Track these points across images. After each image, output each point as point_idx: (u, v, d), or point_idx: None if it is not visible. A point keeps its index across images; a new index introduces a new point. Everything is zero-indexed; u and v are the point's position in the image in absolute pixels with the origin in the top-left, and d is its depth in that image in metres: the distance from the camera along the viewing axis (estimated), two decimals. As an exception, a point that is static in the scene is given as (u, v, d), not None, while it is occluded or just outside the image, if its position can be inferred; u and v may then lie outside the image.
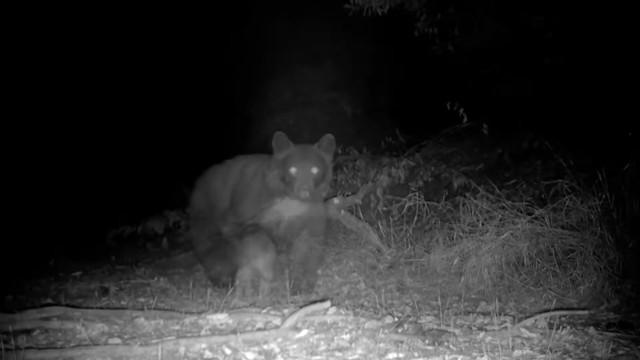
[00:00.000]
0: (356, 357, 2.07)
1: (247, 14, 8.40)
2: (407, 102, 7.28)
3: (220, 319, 2.56)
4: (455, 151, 5.84)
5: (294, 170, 3.22)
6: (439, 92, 5.76)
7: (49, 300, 3.28)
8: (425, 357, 2.06)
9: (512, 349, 2.12)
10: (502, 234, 3.38)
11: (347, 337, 2.26)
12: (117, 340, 2.32)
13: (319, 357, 2.07)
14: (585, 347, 2.18)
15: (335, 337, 2.26)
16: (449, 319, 2.51)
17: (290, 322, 2.38)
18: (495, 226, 3.46)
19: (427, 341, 2.20)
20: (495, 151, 5.49)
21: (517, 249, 3.35)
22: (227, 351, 2.16)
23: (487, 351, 2.06)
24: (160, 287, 3.85)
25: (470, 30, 5.87)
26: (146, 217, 6.23)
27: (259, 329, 2.43)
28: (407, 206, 4.29)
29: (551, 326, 2.32)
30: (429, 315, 2.71)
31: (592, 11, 4.98)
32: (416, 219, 4.25)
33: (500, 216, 3.51)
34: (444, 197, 4.55)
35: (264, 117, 8.23)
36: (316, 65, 8.32)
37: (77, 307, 2.83)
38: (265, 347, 2.19)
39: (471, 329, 2.40)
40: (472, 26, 5.85)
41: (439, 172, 5.41)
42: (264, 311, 2.70)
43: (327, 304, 2.57)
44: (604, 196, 3.34)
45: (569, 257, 3.22)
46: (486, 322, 2.57)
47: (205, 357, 2.12)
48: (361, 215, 4.54)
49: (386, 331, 2.30)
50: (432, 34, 5.83)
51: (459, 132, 5.82)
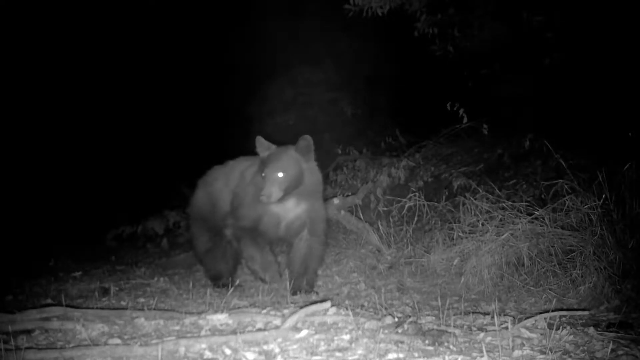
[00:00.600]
0: (356, 357, 2.07)
1: (247, 14, 8.41)
2: (407, 102, 7.29)
3: (220, 319, 2.56)
4: (455, 151, 5.85)
5: (263, 174, 3.23)
6: (439, 93, 5.77)
7: (49, 300, 3.28)
8: (425, 357, 2.06)
9: (512, 349, 2.12)
10: (502, 234, 3.39)
11: (347, 337, 2.26)
12: (117, 340, 2.32)
13: (319, 358, 2.07)
14: (585, 348, 2.18)
15: (335, 338, 2.26)
16: (449, 319, 2.51)
17: (290, 322, 2.38)
18: (495, 226, 3.46)
19: (427, 341, 2.20)
20: (495, 151, 5.49)
21: (517, 249, 3.35)
22: (227, 351, 2.16)
23: (487, 351, 2.06)
24: (160, 287, 3.85)
25: (470, 30, 5.87)
26: (146, 217, 6.24)
27: (259, 330, 2.43)
28: (407, 206, 4.30)
29: (551, 326, 2.32)
30: (429, 315, 2.71)
31: (592, 11, 4.98)
32: (416, 219, 4.25)
33: (500, 216, 3.51)
34: (444, 197, 4.56)
35: (264, 117, 8.24)
36: (316, 65, 8.33)
37: (77, 307, 2.83)
38: (265, 347, 2.19)
39: (471, 329, 2.40)
40: (472, 26, 5.85)
41: (439, 172, 5.41)
42: (264, 311, 2.70)
43: (327, 304, 2.57)
44: (604, 196, 3.34)
45: (569, 257, 3.22)
46: (486, 322, 2.57)
47: (205, 357, 2.12)
48: (361, 215, 4.54)
49: (386, 331, 2.30)
50: (432, 34, 5.83)
51: (459, 132, 5.83)
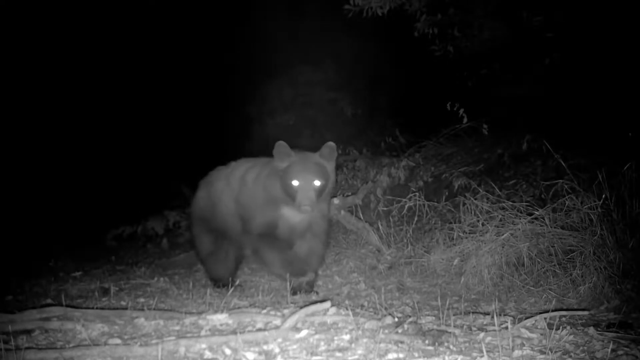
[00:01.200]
0: (356, 357, 2.07)
1: (247, 14, 8.41)
2: (407, 103, 7.29)
3: (220, 319, 2.56)
4: (455, 151, 5.85)
5: (295, 183, 3.15)
6: (439, 93, 5.77)
7: (49, 300, 3.28)
8: (425, 357, 2.06)
9: (512, 349, 2.12)
10: (502, 235, 3.38)
11: (347, 337, 2.26)
12: (117, 340, 2.32)
13: (319, 358, 2.07)
14: (585, 348, 2.18)
15: (335, 338, 2.27)
16: (449, 319, 2.51)
17: (290, 322, 2.38)
18: (495, 226, 3.46)
19: (427, 341, 2.20)
20: (495, 151, 5.48)
21: (517, 250, 3.35)
22: (227, 351, 2.16)
23: (487, 351, 2.05)
24: (160, 287, 3.85)
25: (470, 30, 5.87)
26: (146, 217, 6.24)
27: (259, 329, 2.43)
28: (407, 206, 4.30)
29: (551, 326, 2.32)
30: (429, 315, 2.71)
31: (592, 11, 4.98)
32: (416, 219, 4.25)
33: (500, 216, 3.51)
34: (444, 197, 4.56)
35: (264, 117, 8.25)
36: (316, 65, 8.33)
37: (77, 307, 2.82)
38: (265, 347, 2.19)
39: (471, 329, 2.40)
40: (472, 26, 5.85)
41: (439, 172, 5.41)
42: (264, 311, 2.70)
43: (327, 304, 2.57)
44: (604, 196, 3.34)
45: (569, 257, 3.22)
46: (486, 322, 2.57)
47: (205, 357, 2.12)
48: (361, 215, 4.54)
49: (386, 331, 2.30)
50: (432, 34, 5.83)
51: (459, 132, 5.83)
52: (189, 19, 8.56)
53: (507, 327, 2.33)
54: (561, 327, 2.37)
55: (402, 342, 2.19)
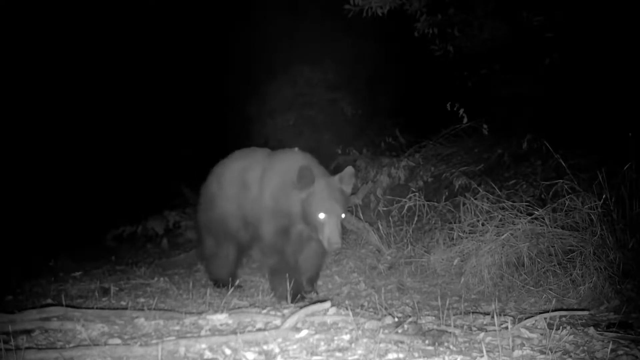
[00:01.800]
0: (356, 357, 2.07)
1: (247, 14, 8.41)
2: (407, 103, 7.29)
3: (220, 319, 2.56)
4: (455, 151, 5.85)
5: (322, 216, 3.02)
6: (439, 93, 5.77)
7: (49, 300, 3.28)
8: (425, 357, 2.06)
9: (512, 349, 2.12)
10: (502, 235, 3.39)
11: (347, 337, 2.26)
12: (117, 340, 2.32)
13: (319, 358, 2.07)
14: (585, 348, 2.18)
15: (335, 338, 2.27)
16: (449, 319, 2.51)
17: (290, 322, 2.38)
18: (495, 226, 3.46)
19: (427, 341, 2.20)
20: (495, 151, 5.48)
21: (517, 249, 3.35)
22: (227, 351, 2.16)
23: (487, 351, 2.05)
24: (160, 287, 3.85)
25: (470, 30, 5.87)
26: (146, 217, 6.24)
27: (259, 329, 2.43)
28: (407, 206, 4.30)
29: (551, 326, 2.32)
30: (429, 315, 2.71)
31: (592, 11, 4.98)
32: (416, 219, 4.25)
33: (500, 216, 3.51)
34: (444, 197, 4.56)
35: (264, 117, 8.24)
36: (316, 65, 8.33)
37: (77, 307, 2.82)
38: (265, 347, 2.19)
39: (471, 329, 2.40)
40: (472, 26, 5.85)
41: (439, 172, 5.41)
42: (264, 311, 2.71)
43: (327, 304, 2.57)
44: (604, 196, 3.34)
45: (569, 257, 3.22)
46: (486, 322, 2.57)
47: (205, 357, 2.12)
48: (361, 215, 4.54)
49: (386, 331, 2.30)
50: (432, 34, 5.83)
51: (459, 132, 5.83)
52: (189, 18, 8.57)
53: (507, 327, 2.33)
54: (561, 327, 2.37)
55: (402, 342, 2.19)
